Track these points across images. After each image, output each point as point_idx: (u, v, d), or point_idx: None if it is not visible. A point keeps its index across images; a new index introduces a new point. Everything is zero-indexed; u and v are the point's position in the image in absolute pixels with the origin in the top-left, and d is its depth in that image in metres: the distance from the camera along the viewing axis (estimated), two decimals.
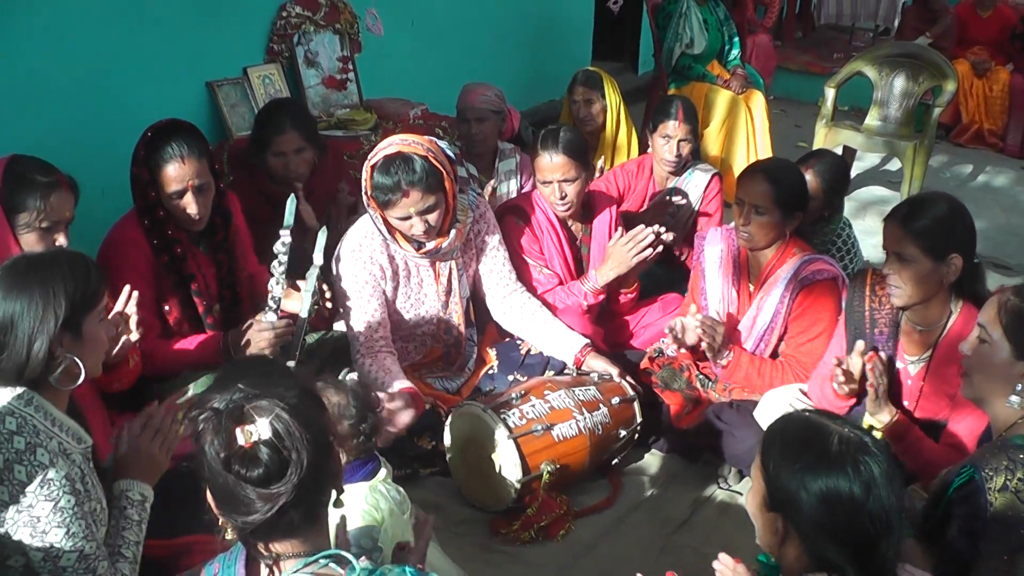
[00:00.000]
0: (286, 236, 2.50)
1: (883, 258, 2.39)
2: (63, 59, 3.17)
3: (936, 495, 1.92)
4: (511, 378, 2.96)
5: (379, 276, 2.76)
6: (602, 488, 2.84)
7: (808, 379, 2.70)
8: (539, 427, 2.61)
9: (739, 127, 5.04)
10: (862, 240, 3.52)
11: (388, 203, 2.59)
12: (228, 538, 1.46)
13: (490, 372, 3.01)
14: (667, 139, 3.55)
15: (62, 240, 2.22)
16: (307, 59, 4.08)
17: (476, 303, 3.06)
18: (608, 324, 3.27)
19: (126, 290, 2.25)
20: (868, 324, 2.45)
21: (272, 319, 2.50)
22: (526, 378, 2.92)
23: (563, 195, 3.03)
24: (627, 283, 3.14)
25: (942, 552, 1.82)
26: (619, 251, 2.99)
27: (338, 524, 1.60)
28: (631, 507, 2.78)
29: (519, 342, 3.04)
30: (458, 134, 3.87)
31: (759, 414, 2.70)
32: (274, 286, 2.49)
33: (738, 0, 6.50)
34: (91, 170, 2.55)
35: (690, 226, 3.63)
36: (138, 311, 2.26)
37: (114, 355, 2.20)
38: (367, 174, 2.61)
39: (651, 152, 3.66)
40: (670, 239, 3.04)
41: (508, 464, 2.57)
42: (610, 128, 4.25)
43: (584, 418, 2.70)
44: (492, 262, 2.98)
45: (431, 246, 2.74)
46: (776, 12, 7.01)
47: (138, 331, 2.25)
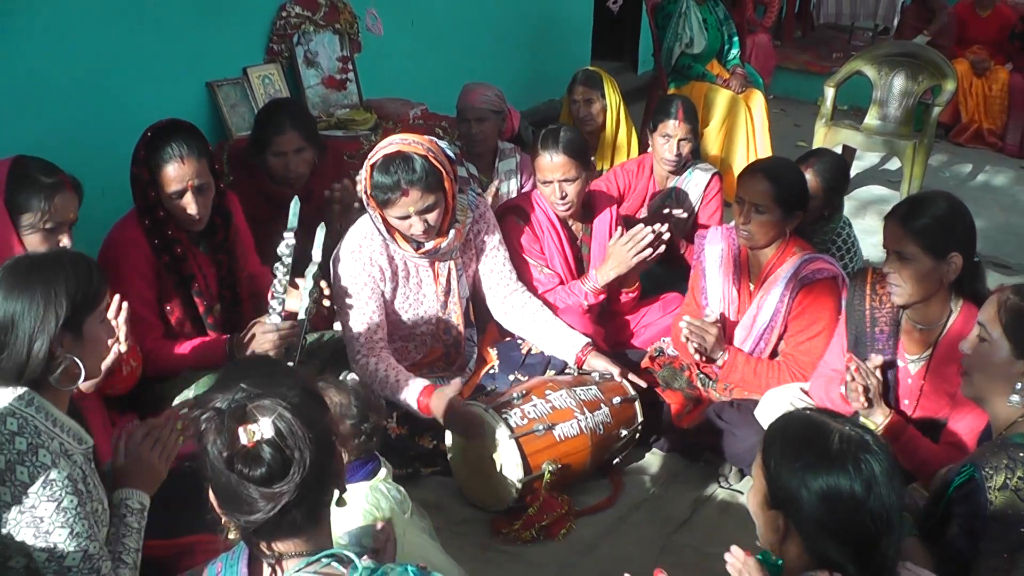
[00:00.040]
0: (290, 238, 2.49)
1: (883, 257, 2.40)
2: (63, 59, 3.16)
3: (936, 494, 1.92)
4: (512, 378, 2.95)
5: (378, 278, 2.76)
6: (603, 487, 2.85)
7: (806, 378, 2.70)
8: (540, 427, 2.62)
9: (739, 126, 5.04)
10: (862, 239, 3.52)
11: (387, 202, 2.59)
12: (231, 537, 1.47)
13: (491, 372, 3.01)
14: (667, 138, 3.55)
15: (66, 241, 2.21)
16: (307, 59, 4.08)
17: (476, 303, 3.06)
18: (609, 324, 3.27)
19: (116, 300, 2.21)
20: (868, 323, 2.45)
21: (276, 321, 2.49)
22: (527, 378, 2.92)
23: (563, 195, 3.04)
24: (628, 283, 3.14)
25: (942, 551, 1.82)
26: (619, 251, 2.99)
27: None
28: (632, 506, 2.78)
29: (520, 342, 3.04)
30: (458, 134, 3.86)
31: (760, 413, 2.70)
32: (278, 288, 2.49)
33: (737, 0, 6.50)
34: (91, 170, 2.54)
35: (690, 225, 3.63)
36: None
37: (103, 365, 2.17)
38: (367, 173, 2.61)
39: (651, 152, 3.66)
40: (668, 237, 3.04)
41: (509, 464, 2.58)
42: (610, 128, 4.26)
43: (585, 418, 2.70)
44: (492, 262, 2.98)
45: (430, 246, 2.74)
46: (775, 11, 7.01)
47: (127, 342, 2.22)
